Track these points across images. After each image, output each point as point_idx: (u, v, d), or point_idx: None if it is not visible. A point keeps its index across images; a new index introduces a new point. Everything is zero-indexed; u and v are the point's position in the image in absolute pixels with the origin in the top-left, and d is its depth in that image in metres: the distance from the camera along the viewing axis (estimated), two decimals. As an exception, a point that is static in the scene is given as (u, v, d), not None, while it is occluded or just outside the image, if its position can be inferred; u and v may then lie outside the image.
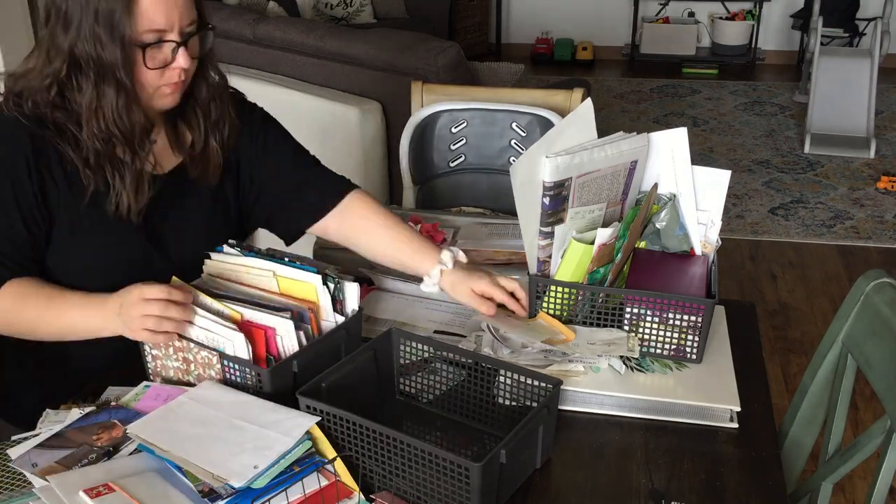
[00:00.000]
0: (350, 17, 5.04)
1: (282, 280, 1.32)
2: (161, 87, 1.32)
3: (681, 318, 1.34)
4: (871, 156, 4.56)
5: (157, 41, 1.27)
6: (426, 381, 1.31)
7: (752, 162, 4.60)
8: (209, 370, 1.26)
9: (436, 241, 1.74)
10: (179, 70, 1.30)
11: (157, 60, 1.29)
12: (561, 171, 1.33)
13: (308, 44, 3.34)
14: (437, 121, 2.14)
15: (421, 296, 1.58)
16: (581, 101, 1.95)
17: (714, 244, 1.45)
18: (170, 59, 1.29)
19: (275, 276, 1.32)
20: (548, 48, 6.43)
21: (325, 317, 1.31)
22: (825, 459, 1.38)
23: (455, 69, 3.02)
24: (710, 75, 6.07)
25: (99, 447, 1.16)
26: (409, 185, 2.16)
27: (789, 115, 5.25)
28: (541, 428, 1.15)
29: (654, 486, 1.15)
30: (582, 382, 1.30)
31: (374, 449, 1.10)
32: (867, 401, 2.64)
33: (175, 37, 1.28)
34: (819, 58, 4.68)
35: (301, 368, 1.23)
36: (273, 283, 1.33)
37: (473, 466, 1.01)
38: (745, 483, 1.15)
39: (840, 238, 3.77)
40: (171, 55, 1.29)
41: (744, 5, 6.15)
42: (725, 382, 1.32)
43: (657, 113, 5.36)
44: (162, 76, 1.31)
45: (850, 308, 1.36)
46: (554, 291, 1.40)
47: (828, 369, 1.42)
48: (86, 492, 1.03)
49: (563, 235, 1.39)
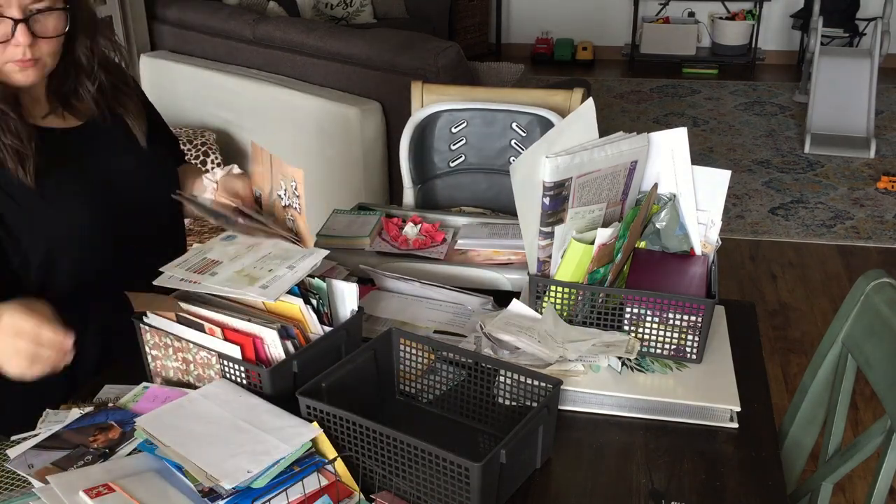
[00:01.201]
0: (350, 17, 5.04)
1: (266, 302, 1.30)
2: (7, 63, 1.31)
3: (681, 318, 1.34)
4: (871, 156, 4.56)
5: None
6: (426, 381, 1.31)
7: (752, 162, 4.60)
8: (209, 370, 1.26)
9: (436, 241, 1.74)
10: (23, 48, 1.29)
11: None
12: (561, 171, 1.33)
13: (308, 44, 3.35)
14: (437, 121, 2.14)
15: (421, 295, 1.58)
16: (581, 101, 1.95)
17: (714, 244, 1.45)
18: (9, 34, 1.28)
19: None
20: (548, 48, 6.43)
21: (313, 330, 1.29)
22: (825, 459, 1.38)
23: (455, 69, 3.02)
24: (710, 75, 6.07)
25: (95, 449, 1.16)
26: (409, 185, 2.16)
27: (789, 115, 5.25)
28: (541, 428, 1.15)
29: (654, 486, 1.15)
30: (582, 382, 1.30)
31: (374, 449, 1.10)
32: (867, 401, 2.64)
33: (15, 13, 1.28)
34: (819, 58, 4.69)
35: (301, 368, 1.23)
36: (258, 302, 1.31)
37: (473, 466, 1.01)
38: (745, 483, 1.15)
39: (840, 238, 3.77)
40: (11, 31, 1.28)
41: (744, 5, 6.15)
42: (725, 382, 1.32)
43: (657, 113, 5.36)
44: (4, 52, 1.30)
45: (850, 308, 1.36)
46: (554, 291, 1.40)
47: (828, 369, 1.42)
48: (86, 492, 1.03)
49: (563, 235, 1.39)
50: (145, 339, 1.32)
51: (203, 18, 3.73)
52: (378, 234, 1.78)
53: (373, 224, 1.78)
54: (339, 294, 1.33)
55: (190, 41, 3.83)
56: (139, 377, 1.33)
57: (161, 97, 3.63)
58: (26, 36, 1.29)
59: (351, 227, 1.78)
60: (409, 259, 1.68)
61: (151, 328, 1.29)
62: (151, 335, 1.30)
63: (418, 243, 1.73)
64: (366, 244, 1.73)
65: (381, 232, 1.79)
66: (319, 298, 1.31)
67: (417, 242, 1.73)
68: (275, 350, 1.24)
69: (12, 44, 1.29)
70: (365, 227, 1.78)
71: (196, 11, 3.78)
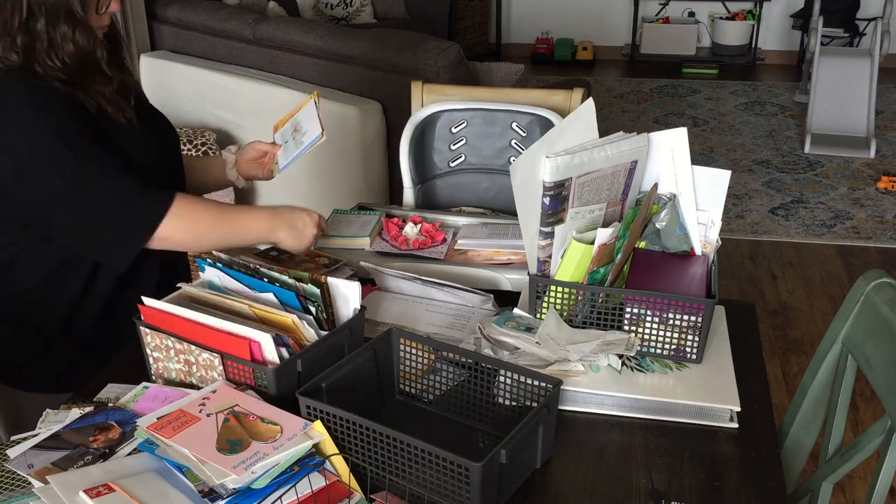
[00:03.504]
0: (350, 17, 5.04)
1: (257, 311, 1.29)
2: (99, 28, 1.50)
3: (681, 318, 1.34)
4: (871, 156, 4.56)
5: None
6: (426, 381, 1.31)
7: (752, 162, 4.60)
8: (211, 371, 1.26)
9: (436, 241, 1.74)
10: (110, 14, 1.51)
11: (103, 4, 1.49)
12: (561, 171, 1.33)
13: (308, 44, 3.35)
14: (437, 121, 2.14)
15: (422, 295, 1.58)
16: (581, 101, 1.95)
17: (714, 244, 1.45)
18: (111, 4, 1.50)
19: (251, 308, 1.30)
20: (548, 48, 6.43)
21: (307, 339, 1.28)
22: (825, 459, 1.38)
23: (455, 69, 3.02)
24: (710, 75, 6.07)
25: (95, 449, 1.16)
26: (409, 185, 2.16)
27: (789, 115, 5.25)
28: (541, 428, 1.15)
29: (654, 486, 1.15)
30: (582, 382, 1.30)
31: (375, 449, 1.10)
32: (867, 401, 2.64)
33: None
34: (819, 58, 4.69)
35: (305, 368, 1.23)
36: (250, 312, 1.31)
37: (474, 466, 1.01)
38: (745, 483, 1.15)
39: (840, 238, 3.77)
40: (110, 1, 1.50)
41: (744, 5, 6.15)
42: (725, 382, 1.32)
43: (657, 113, 5.36)
44: (101, 21, 1.50)
45: (850, 308, 1.36)
46: (554, 291, 1.40)
47: (828, 369, 1.42)
48: (86, 492, 1.03)
49: (563, 235, 1.39)
50: (146, 342, 1.32)
51: (203, 18, 3.73)
52: (378, 234, 1.78)
53: (373, 224, 1.78)
54: (341, 293, 1.33)
55: (190, 41, 3.83)
56: (139, 377, 1.33)
57: (161, 97, 3.63)
58: (117, 3, 1.51)
59: (351, 227, 1.78)
60: (409, 259, 1.68)
61: (152, 330, 1.29)
62: (152, 337, 1.30)
63: (418, 243, 1.73)
64: (366, 244, 1.73)
65: (381, 232, 1.79)
66: (318, 305, 1.31)
67: (417, 242, 1.73)
68: (269, 355, 1.24)
69: (110, 10, 1.50)
70: (365, 227, 1.78)
71: (196, 11, 3.78)
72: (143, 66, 3.82)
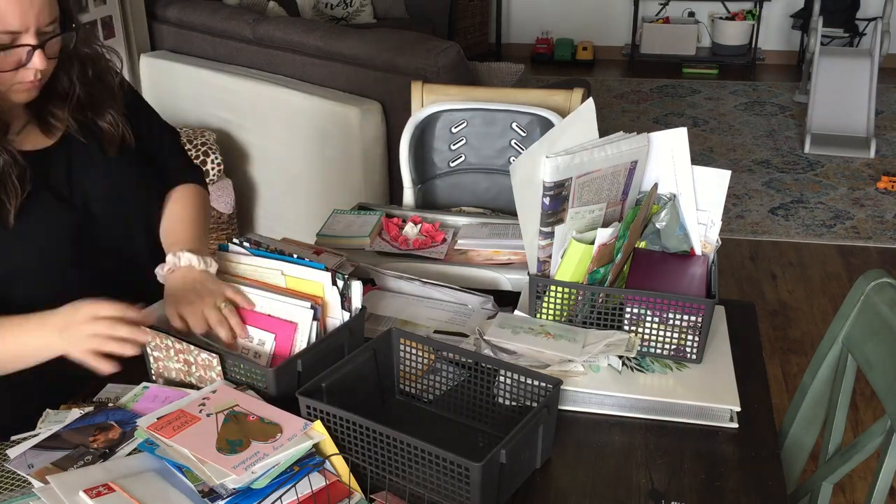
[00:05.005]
0: (350, 17, 5.04)
1: (290, 279, 1.33)
2: (15, 84, 1.27)
3: (681, 318, 1.34)
4: (871, 156, 4.56)
5: (11, 44, 1.21)
6: (426, 381, 1.31)
7: (752, 162, 4.60)
8: (210, 372, 1.26)
9: (436, 241, 1.74)
10: (35, 70, 1.25)
11: (10, 63, 1.23)
12: (561, 171, 1.33)
13: (308, 44, 3.34)
14: (437, 121, 2.14)
15: (422, 295, 1.58)
16: (581, 101, 1.95)
17: (714, 244, 1.45)
18: (24, 60, 1.24)
19: (283, 275, 1.33)
20: (548, 48, 6.43)
21: (331, 314, 1.32)
22: (825, 459, 1.38)
23: (455, 69, 3.02)
24: (710, 75, 6.07)
25: (95, 449, 1.16)
26: (409, 185, 2.16)
27: (789, 115, 5.25)
28: (541, 428, 1.15)
29: (654, 486, 1.15)
30: (582, 382, 1.30)
31: (375, 449, 1.10)
32: (867, 401, 2.64)
33: (31, 39, 1.23)
34: (819, 58, 4.68)
35: (305, 368, 1.23)
36: (281, 280, 1.34)
37: (474, 466, 1.01)
38: (745, 483, 1.15)
39: (840, 238, 3.77)
40: (27, 57, 1.24)
41: (744, 5, 6.15)
42: (725, 382, 1.32)
43: (657, 113, 5.36)
44: (15, 76, 1.26)
45: (850, 308, 1.36)
46: (554, 291, 1.40)
47: (828, 369, 1.42)
48: (86, 492, 1.03)
49: (563, 235, 1.39)
50: (146, 340, 1.32)
51: (203, 18, 3.73)
52: (378, 234, 1.78)
53: (373, 224, 1.78)
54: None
55: (190, 41, 3.83)
56: (139, 377, 1.33)
57: (161, 97, 3.63)
58: (43, 61, 1.25)
59: (351, 227, 1.78)
60: (409, 259, 1.68)
61: (152, 330, 1.29)
62: (152, 337, 1.30)
63: (418, 243, 1.73)
64: (366, 244, 1.73)
65: (381, 232, 1.79)
66: (346, 279, 1.31)
67: (417, 242, 1.73)
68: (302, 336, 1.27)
69: (28, 68, 1.25)
70: (365, 227, 1.78)
71: (196, 11, 3.77)
72: (143, 66, 3.82)
